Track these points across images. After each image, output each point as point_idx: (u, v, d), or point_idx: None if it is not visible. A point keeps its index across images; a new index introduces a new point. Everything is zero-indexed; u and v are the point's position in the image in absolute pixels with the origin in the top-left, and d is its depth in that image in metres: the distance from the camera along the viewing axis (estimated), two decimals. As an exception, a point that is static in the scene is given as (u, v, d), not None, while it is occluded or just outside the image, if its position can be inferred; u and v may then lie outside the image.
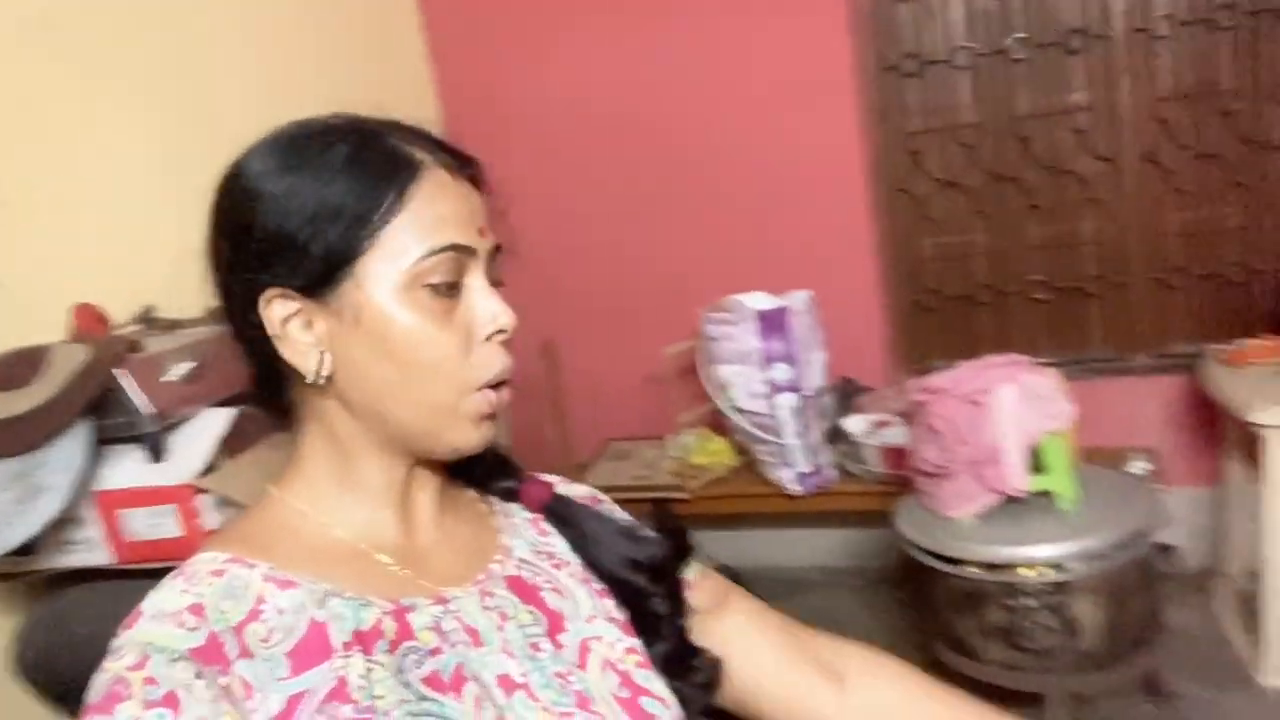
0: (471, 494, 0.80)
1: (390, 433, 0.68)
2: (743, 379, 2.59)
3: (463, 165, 0.69)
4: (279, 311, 0.66)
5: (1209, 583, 2.71)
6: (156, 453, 1.47)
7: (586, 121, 3.03)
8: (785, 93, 2.90)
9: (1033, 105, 2.82)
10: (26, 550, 1.41)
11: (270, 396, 0.71)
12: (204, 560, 0.65)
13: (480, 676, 0.65)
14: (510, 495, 0.82)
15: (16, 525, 1.36)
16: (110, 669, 0.57)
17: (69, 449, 1.39)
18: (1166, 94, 2.71)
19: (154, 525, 1.46)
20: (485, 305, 0.67)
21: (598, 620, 0.74)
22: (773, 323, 2.52)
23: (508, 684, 0.66)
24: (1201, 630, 2.54)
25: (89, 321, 1.68)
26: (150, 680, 0.56)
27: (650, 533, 0.82)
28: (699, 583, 0.83)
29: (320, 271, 0.64)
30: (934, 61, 2.87)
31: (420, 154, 0.66)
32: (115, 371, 1.45)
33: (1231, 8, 2.60)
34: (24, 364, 1.44)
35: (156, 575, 0.64)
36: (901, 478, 2.38)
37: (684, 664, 0.75)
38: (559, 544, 0.79)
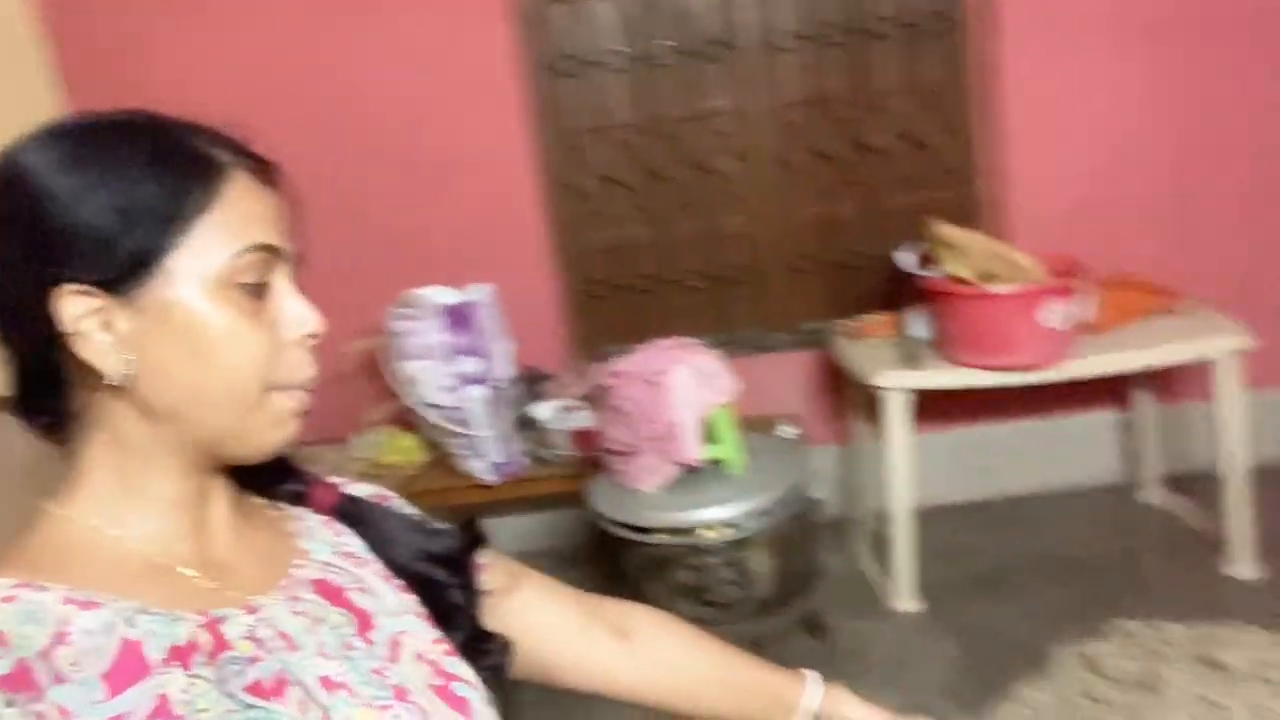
0: (260, 501, 0.78)
1: (190, 438, 0.66)
2: (430, 373, 2.60)
3: (263, 170, 0.69)
4: (74, 309, 0.62)
5: (846, 527, 3.16)
6: None
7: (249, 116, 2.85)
8: (455, 90, 2.93)
9: (681, 108, 3.07)
10: None
11: (40, 404, 0.67)
12: None
13: (301, 680, 0.65)
14: (298, 499, 0.80)
15: None
16: None
17: None
18: (790, 101, 3.08)
19: None
20: (293, 307, 0.68)
21: (405, 615, 0.75)
22: (458, 316, 2.56)
23: (329, 684, 0.66)
24: (844, 570, 2.96)
25: None
26: None
27: (441, 525, 0.84)
28: (491, 565, 0.87)
29: (127, 268, 0.62)
30: (589, 63, 3.03)
31: (224, 155, 0.66)
32: None
33: (837, 27, 3.00)
34: None
35: None
36: (590, 459, 2.53)
37: (478, 649, 0.79)
38: (356, 543, 0.80)
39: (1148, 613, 2.50)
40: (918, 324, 2.75)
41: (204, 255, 0.63)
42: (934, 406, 2.73)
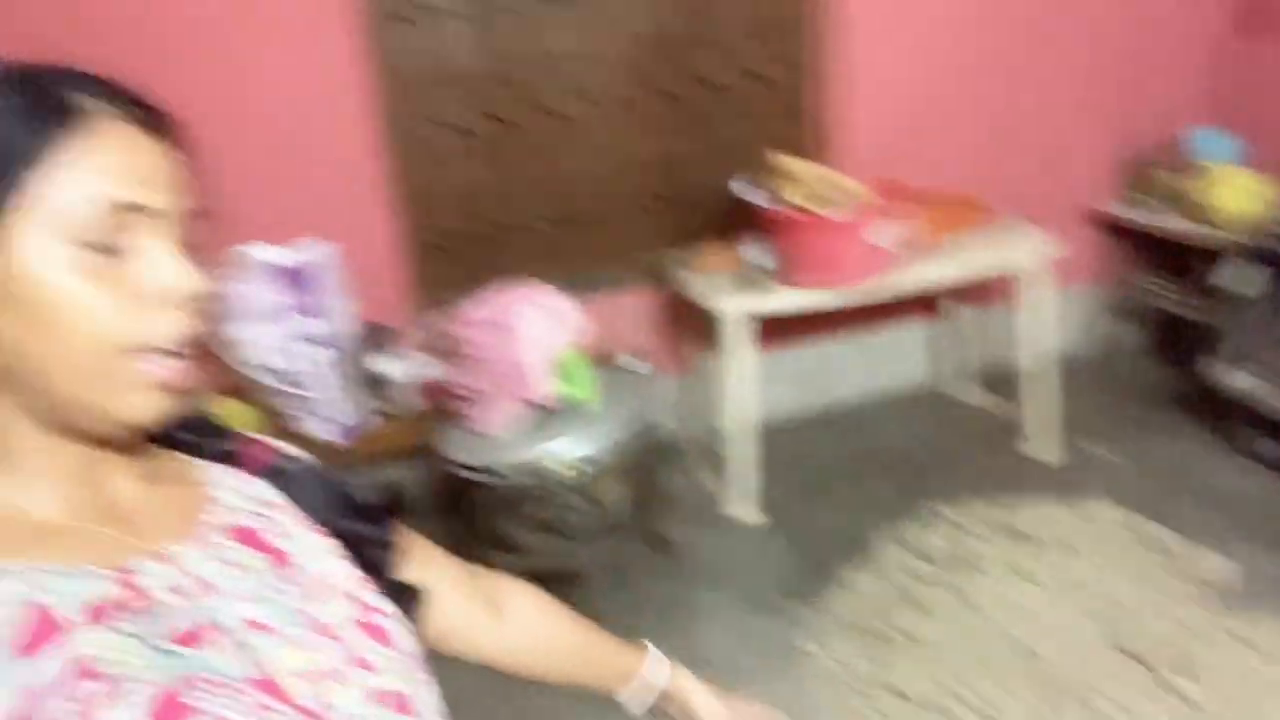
0: (164, 454, 0.75)
1: (54, 410, 0.62)
2: (264, 335, 2.50)
3: (148, 117, 0.63)
4: None
5: (686, 449, 3.27)
6: None
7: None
8: (288, 39, 2.80)
9: (523, 51, 3.03)
10: None
11: None
12: None
13: (226, 625, 0.64)
14: (229, 458, 0.78)
15: None
16: None
17: None
18: (633, 39, 3.07)
19: None
20: (163, 265, 0.62)
21: (326, 557, 0.75)
22: (293, 275, 2.47)
23: (254, 626, 0.65)
24: (687, 489, 3.07)
25: None
26: None
27: (357, 480, 0.84)
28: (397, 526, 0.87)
29: None
30: (429, 7, 2.93)
31: (93, 103, 0.61)
32: None
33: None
34: None
35: None
36: (439, 409, 2.51)
37: (399, 597, 0.79)
38: (270, 492, 0.78)
39: (959, 497, 2.74)
40: (756, 251, 2.83)
41: (46, 212, 0.58)
42: (769, 329, 2.83)
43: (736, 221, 3.06)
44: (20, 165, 0.58)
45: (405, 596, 0.82)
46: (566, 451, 2.14)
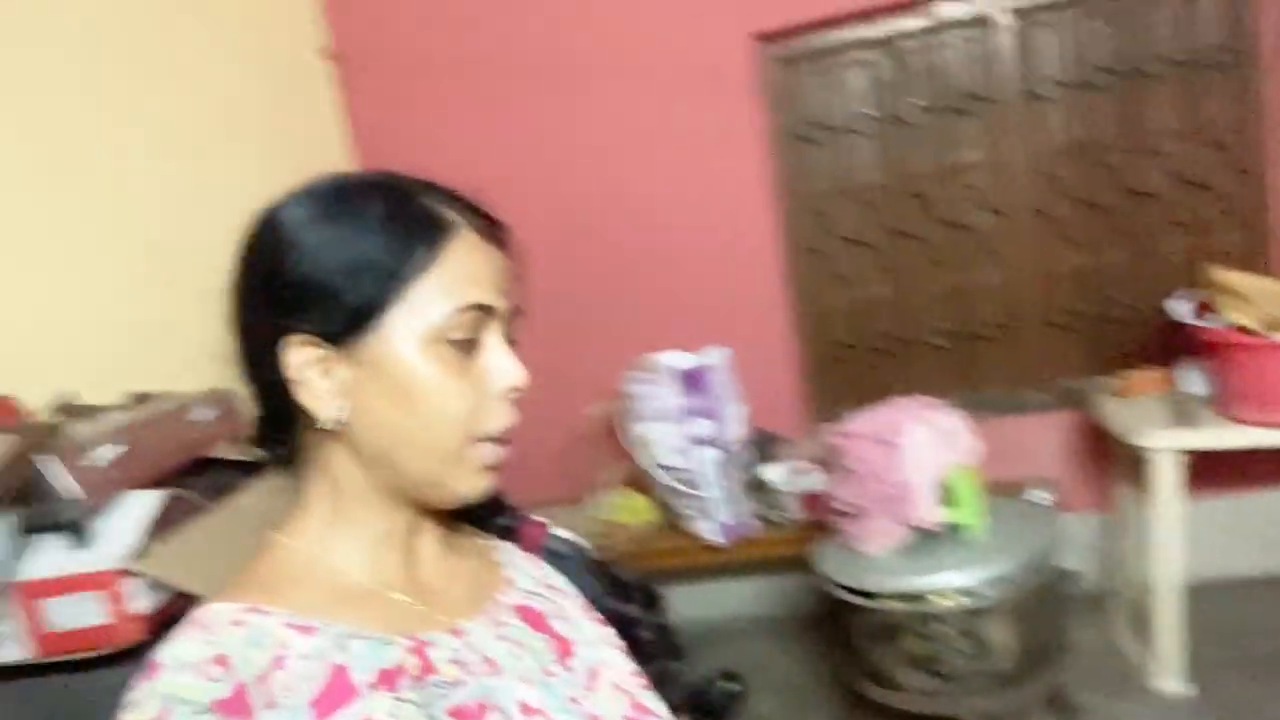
0: (469, 530, 0.83)
1: (397, 481, 0.69)
2: (664, 435, 2.66)
3: (491, 229, 0.71)
4: (299, 357, 0.66)
5: (1105, 602, 2.87)
6: (81, 538, 1.46)
7: (505, 190, 3.10)
8: (700, 160, 3.05)
9: (929, 165, 3.00)
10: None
11: (274, 440, 0.73)
12: (219, 611, 0.64)
13: (502, 705, 0.67)
14: (507, 533, 0.86)
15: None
16: None
17: (-8, 540, 1.37)
18: (1051, 150, 2.92)
19: (78, 614, 1.44)
20: (501, 362, 0.69)
21: (603, 646, 0.78)
22: (693, 380, 2.61)
23: (527, 710, 0.68)
24: (1099, 646, 2.69)
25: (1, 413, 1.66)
26: None
27: (626, 569, 0.90)
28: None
29: (348, 322, 0.65)
30: (835, 128, 3.03)
31: (453, 215, 0.69)
32: (37, 458, 1.44)
33: (1108, 71, 2.84)
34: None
35: (73, 669, 0.63)
36: (820, 522, 2.47)
37: (663, 686, 0.81)
38: (558, 577, 0.84)
39: None
40: (1192, 379, 2.49)
41: (420, 312, 0.66)
42: (1209, 470, 2.43)
43: (1169, 344, 2.72)
44: (405, 270, 0.66)
45: (672, 683, 0.82)
46: (946, 582, 1.99)
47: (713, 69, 2.97)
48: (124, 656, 1.42)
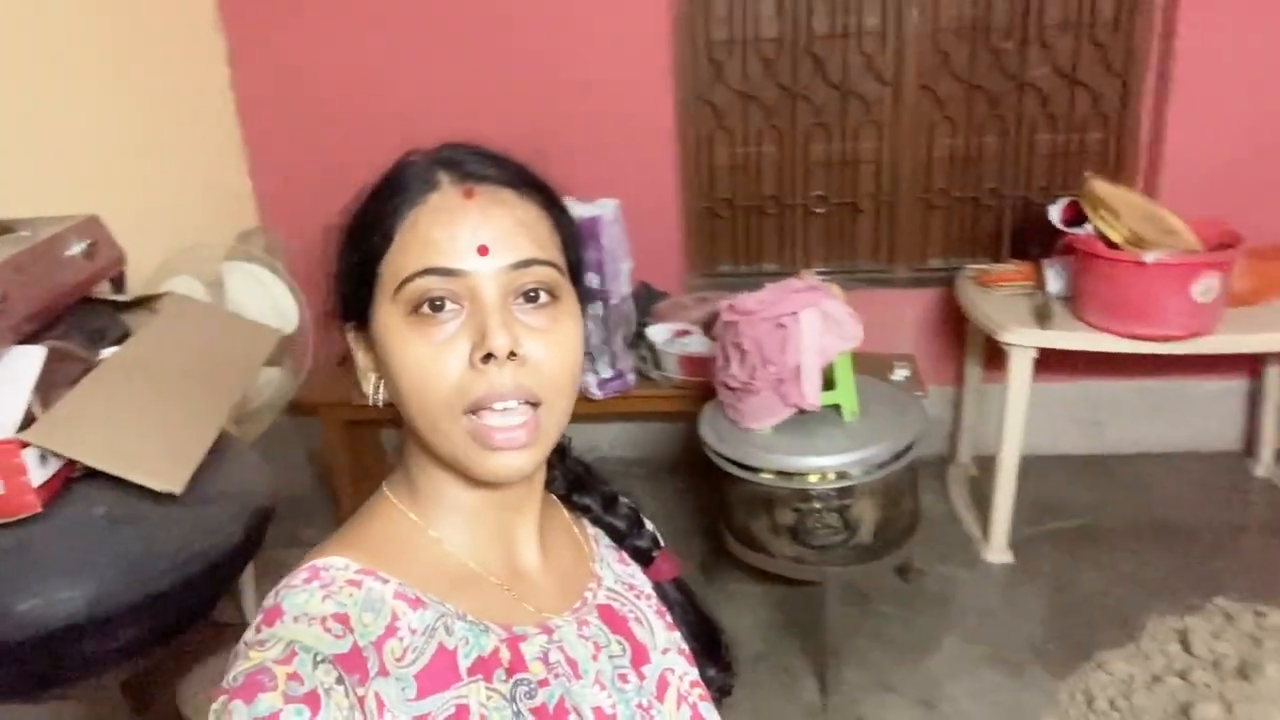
0: (568, 516, 0.82)
1: (439, 455, 0.68)
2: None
3: (486, 180, 0.67)
4: (349, 339, 0.72)
5: (946, 470, 3.14)
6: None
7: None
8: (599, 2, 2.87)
9: (828, 25, 2.94)
10: None
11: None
12: (337, 567, 0.65)
13: (579, 709, 0.68)
14: (639, 555, 0.84)
15: None
16: (254, 658, 0.58)
17: None
18: (946, 27, 2.91)
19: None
20: (476, 326, 0.63)
21: (670, 652, 0.78)
22: (585, 232, 2.54)
23: (601, 716, 0.69)
24: (939, 512, 2.95)
25: None
26: (295, 676, 0.57)
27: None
28: None
29: (357, 301, 0.68)
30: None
31: (434, 176, 0.66)
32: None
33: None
34: None
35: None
36: (699, 384, 2.53)
37: (724, 695, 0.84)
38: (639, 576, 0.83)
39: (1251, 594, 2.44)
40: (1053, 277, 2.65)
41: (386, 286, 0.65)
42: (1052, 357, 2.63)
43: (1034, 238, 2.88)
44: (377, 246, 0.65)
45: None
46: (824, 463, 2.12)
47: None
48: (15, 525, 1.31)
